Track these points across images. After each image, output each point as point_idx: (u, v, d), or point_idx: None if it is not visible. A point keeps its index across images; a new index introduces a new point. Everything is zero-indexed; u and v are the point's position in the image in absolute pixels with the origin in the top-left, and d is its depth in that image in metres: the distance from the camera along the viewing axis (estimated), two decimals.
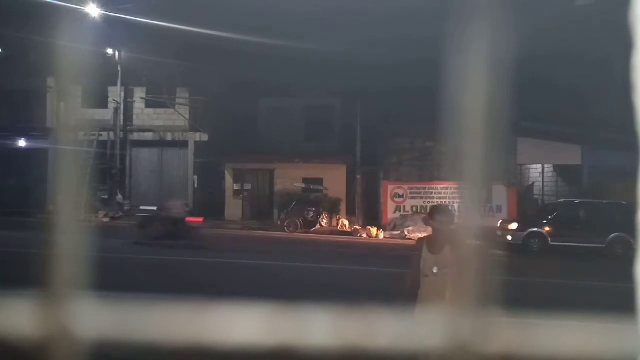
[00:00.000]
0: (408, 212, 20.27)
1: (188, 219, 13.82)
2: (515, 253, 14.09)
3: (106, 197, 20.83)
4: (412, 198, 20.46)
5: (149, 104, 22.55)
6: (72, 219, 0.60)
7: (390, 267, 11.59)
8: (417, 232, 18.45)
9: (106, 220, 19.21)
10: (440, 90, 0.61)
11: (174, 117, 22.38)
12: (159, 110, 22.54)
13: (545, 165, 21.99)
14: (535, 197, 21.88)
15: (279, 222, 19.71)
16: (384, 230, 19.08)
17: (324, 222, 19.53)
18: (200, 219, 14.35)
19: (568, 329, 0.56)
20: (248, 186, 21.80)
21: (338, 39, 16.75)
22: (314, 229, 19.09)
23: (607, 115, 15.03)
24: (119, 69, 21.18)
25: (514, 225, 15.99)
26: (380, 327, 0.57)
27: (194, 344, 0.57)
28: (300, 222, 19.03)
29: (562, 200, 18.23)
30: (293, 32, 16.95)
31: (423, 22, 11.85)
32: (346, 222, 19.51)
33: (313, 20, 17.21)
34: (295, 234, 18.36)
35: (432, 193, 20.33)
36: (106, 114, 21.14)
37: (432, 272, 3.51)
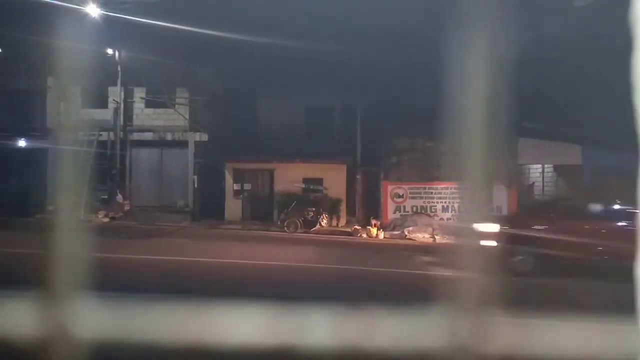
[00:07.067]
0: (408, 212, 20.31)
1: None
2: None
3: (106, 197, 20.84)
4: (412, 198, 20.48)
5: (148, 104, 22.52)
6: (72, 219, 0.60)
7: (390, 267, 11.60)
8: (417, 232, 18.49)
9: (106, 220, 19.23)
10: (441, 90, 0.61)
11: (173, 117, 22.36)
12: (158, 110, 22.52)
13: (546, 165, 21.98)
14: (536, 197, 21.88)
15: (279, 222, 19.71)
16: (384, 230, 19.09)
17: (324, 222, 19.55)
18: None
19: (568, 329, 0.56)
20: (248, 186, 21.80)
21: (338, 38, 16.75)
22: (313, 229, 19.09)
23: (607, 115, 15.04)
24: (119, 69, 21.17)
25: None
26: (380, 327, 0.57)
27: (194, 344, 0.57)
28: (300, 222, 19.03)
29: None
30: (293, 32, 16.94)
31: (424, 22, 11.86)
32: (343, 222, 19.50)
33: (313, 20, 17.21)
34: (295, 234, 18.37)
35: (432, 193, 20.36)
36: (106, 114, 21.11)
37: None
